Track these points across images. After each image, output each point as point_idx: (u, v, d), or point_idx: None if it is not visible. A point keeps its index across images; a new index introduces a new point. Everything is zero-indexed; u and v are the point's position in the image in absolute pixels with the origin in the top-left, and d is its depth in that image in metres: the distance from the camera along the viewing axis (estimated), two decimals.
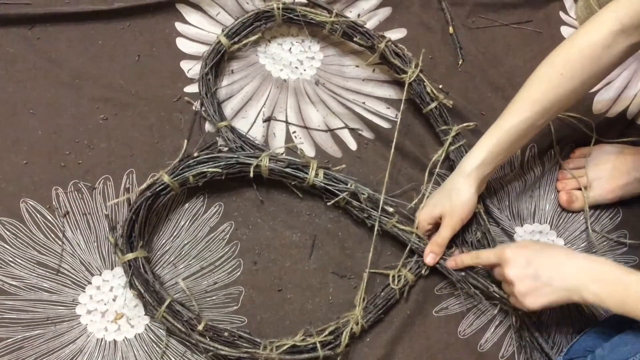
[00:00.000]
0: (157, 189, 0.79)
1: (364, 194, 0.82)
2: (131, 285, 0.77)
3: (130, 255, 0.76)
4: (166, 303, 0.75)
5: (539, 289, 0.71)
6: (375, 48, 0.90)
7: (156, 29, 0.93)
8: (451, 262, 0.83)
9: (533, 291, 0.71)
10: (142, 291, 0.76)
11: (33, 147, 0.84)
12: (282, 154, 0.87)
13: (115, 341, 0.77)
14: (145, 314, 0.79)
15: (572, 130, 0.97)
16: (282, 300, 0.82)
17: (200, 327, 0.75)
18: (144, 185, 0.79)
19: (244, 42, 0.90)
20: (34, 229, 0.80)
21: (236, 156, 0.81)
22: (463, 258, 0.82)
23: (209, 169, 0.80)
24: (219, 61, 0.90)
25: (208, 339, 0.75)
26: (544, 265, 0.72)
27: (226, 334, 0.76)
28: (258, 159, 0.81)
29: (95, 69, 0.89)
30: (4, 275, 0.77)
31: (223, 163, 0.80)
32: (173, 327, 0.75)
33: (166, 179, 0.78)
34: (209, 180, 0.82)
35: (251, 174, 0.81)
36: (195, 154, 0.81)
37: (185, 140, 0.85)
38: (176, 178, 0.79)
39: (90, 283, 0.79)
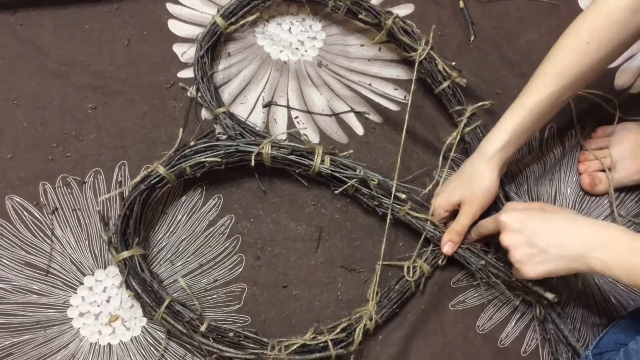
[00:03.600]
0: (152, 182, 0.75)
1: (374, 181, 0.78)
2: (127, 286, 0.73)
3: (125, 254, 0.73)
4: (165, 303, 0.72)
5: (536, 256, 0.68)
6: (382, 25, 0.85)
7: (146, 11, 0.89)
8: (471, 236, 0.79)
9: (529, 258, 0.68)
10: (140, 291, 0.72)
11: (18, 140, 0.80)
12: (284, 140, 0.82)
13: (110, 345, 0.75)
14: (143, 316, 0.76)
15: (594, 108, 0.92)
16: (288, 297, 0.79)
17: (202, 328, 0.72)
18: (138, 178, 0.75)
19: (241, 22, 0.85)
20: (21, 228, 0.77)
21: (236, 144, 0.77)
22: (471, 235, 0.79)
23: (207, 159, 0.76)
24: (214, 43, 0.85)
25: (211, 341, 0.72)
26: (541, 231, 0.68)
27: (231, 334, 0.73)
28: (259, 146, 0.77)
29: (82, 56, 0.85)
30: None
31: (222, 152, 0.76)
32: (174, 329, 0.72)
33: (161, 170, 0.74)
34: (207, 170, 0.77)
35: (252, 163, 0.76)
36: (192, 143, 0.77)
37: (181, 129, 0.81)
38: (172, 169, 0.75)
39: (82, 284, 0.76)
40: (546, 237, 0.67)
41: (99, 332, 0.74)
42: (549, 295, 0.76)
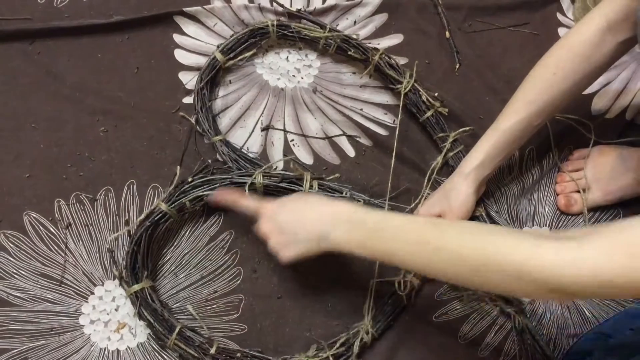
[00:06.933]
0: (156, 218, 0.79)
1: (360, 201, 0.83)
2: (140, 317, 0.77)
3: (136, 287, 0.77)
4: (176, 330, 0.75)
5: (288, 242, 0.70)
6: (369, 61, 0.91)
7: (154, 41, 0.94)
8: (214, 196, 0.79)
9: (283, 245, 0.71)
10: (152, 321, 0.76)
11: (35, 161, 0.85)
12: (277, 165, 0.87)
13: (118, 350, 0.78)
14: (157, 344, 0.79)
15: (571, 132, 0.97)
16: (282, 307, 0.83)
17: (212, 351, 0.75)
18: (143, 216, 0.79)
19: (239, 58, 0.91)
20: (37, 241, 0.81)
21: (230, 177, 0.81)
22: (224, 194, 0.79)
23: (205, 192, 0.80)
24: (214, 76, 0.91)
25: None
26: (288, 218, 0.71)
27: (239, 354, 0.76)
28: (252, 177, 0.81)
29: (94, 82, 0.90)
30: (8, 287, 0.79)
31: (217, 185, 0.81)
32: (186, 354, 0.76)
33: (163, 207, 0.79)
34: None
35: (246, 193, 0.80)
36: (190, 179, 0.82)
37: (178, 167, 0.85)
38: (173, 205, 0.80)
39: (92, 293, 0.80)
40: (293, 224, 0.70)
41: (108, 338, 0.78)
42: None
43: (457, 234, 0.59)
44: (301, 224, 0.69)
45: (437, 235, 0.60)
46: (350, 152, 0.92)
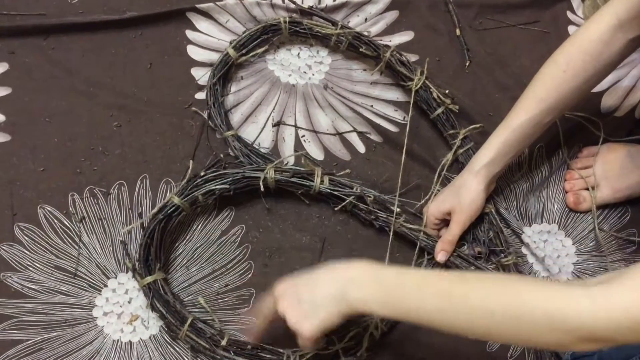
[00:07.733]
0: (169, 211, 0.80)
1: (370, 197, 0.84)
2: (152, 308, 0.78)
3: (149, 279, 0.77)
4: (188, 322, 0.76)
5: (306, 312, 0.64)
6: (380, 58, 0.92)
7: (167, 37, 0.95)
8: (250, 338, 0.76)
9: (302, 316, 0.65)
10: (164, 312, 0.77)
11: (50, 155, 0.86)
12: (286, 164, 0.87)
13: (130, 342, 0.79)
14: (169, 335, 0.79)
15: (580, 130, 0.97)
16: None
17: (223, 342, 0.76)
18: (156, 209, 0.80)
19: (251, 54, 0.92)
20: (51, 234, 0.82)
21: (242, 171, 0.82)
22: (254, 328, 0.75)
23: (217, 187, 0.81)
24: (226, 72, 0.92)
25: (232, 354, 0.76)
26: (304, 288, 0.66)
27: (249, 346, 0.77)
28: (264, 171, 0.82)
29: (108, 78, 0.92)
30: (23, 279, 0.80)
31: (230, 179, 0.82)
32: (197, 345, 0.76)
33: (176, 200, 0.80)
34: (218, 196, 0.83)
35: (262, 188, 0.81)
36: (202, 173, 0.82)
37: (191, 161, 0.86)
38: (186, 199, 0.80)
39: (106, 286, 0.81)
40: (310, 292, 0.65)
41: (121, 330, 0.79)
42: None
43: (482, 284, 0.57)
44: (317, 289, 0.64)
45: (461, 286, 0.57)
46: (361, 148, 0.93)
